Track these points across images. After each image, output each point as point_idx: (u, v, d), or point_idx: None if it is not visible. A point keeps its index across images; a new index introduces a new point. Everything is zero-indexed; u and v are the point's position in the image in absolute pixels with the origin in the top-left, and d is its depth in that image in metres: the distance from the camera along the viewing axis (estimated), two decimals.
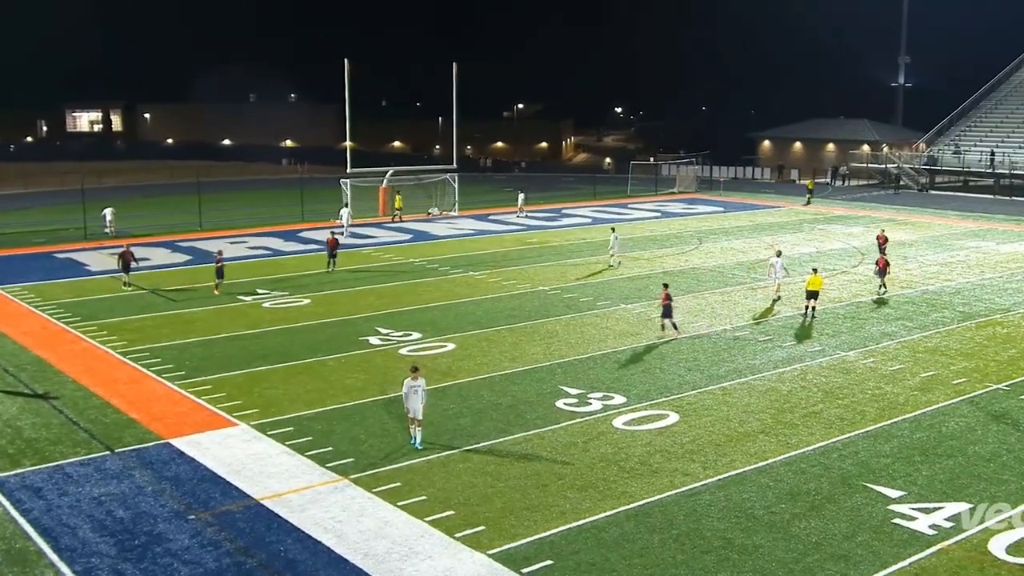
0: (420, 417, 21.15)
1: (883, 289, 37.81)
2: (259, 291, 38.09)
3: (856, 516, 17.97)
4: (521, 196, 65.12)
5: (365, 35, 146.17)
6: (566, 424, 22.91)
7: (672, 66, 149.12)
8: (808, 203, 70.11)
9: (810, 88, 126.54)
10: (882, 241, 43.87)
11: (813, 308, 33.92)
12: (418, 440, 21.24)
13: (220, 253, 39.22)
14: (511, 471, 20.10)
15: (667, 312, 31.00)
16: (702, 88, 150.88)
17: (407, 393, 21.04)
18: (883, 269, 37.96)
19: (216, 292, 37.52)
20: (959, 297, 37.34)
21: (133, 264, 39.42)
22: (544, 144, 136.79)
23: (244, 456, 20.90)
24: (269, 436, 22.07)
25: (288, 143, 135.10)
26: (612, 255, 44.08)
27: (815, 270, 34.57)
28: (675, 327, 31.09)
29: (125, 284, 39.11)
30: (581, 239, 51.74)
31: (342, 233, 55.48)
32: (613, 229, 45.85)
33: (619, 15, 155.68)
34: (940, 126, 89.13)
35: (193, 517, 18.00)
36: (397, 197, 61.98)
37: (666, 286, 31.81)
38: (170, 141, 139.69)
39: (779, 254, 38.44)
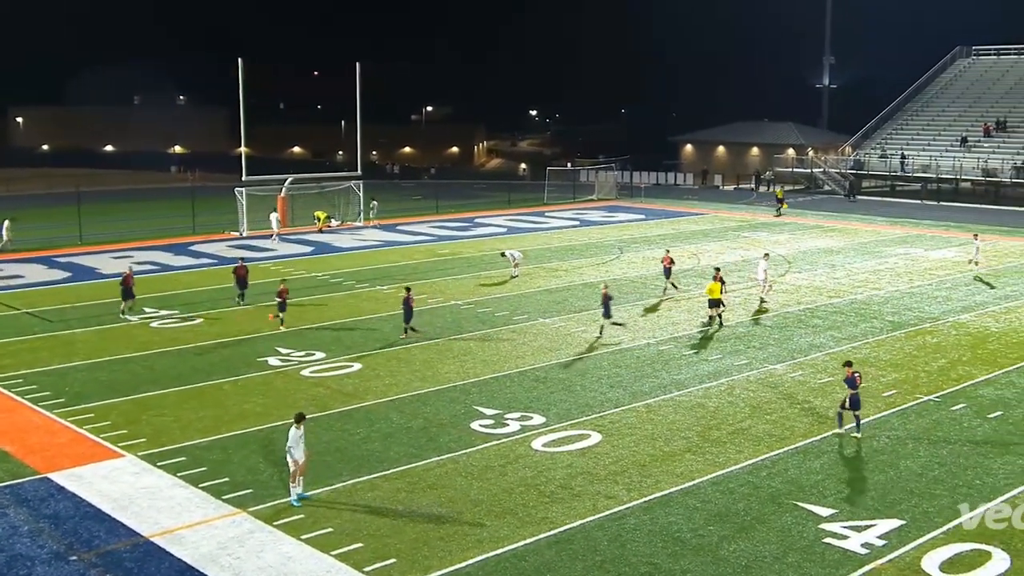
0: (303, 460, 19.76)
1: (674, 287, 40.15)
2: (146, 310, 37.31)
3: (786, 537, 18.32)
4: (374, 204, 64.64)
5: (261, 32, 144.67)
6: (482, 447, 22.91)
7: (591, 68, 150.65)
8: (779, 214, 68.53)
9: (733, 89, 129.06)
10: (667, 263, 41.03)
11: (720, 316, 34.76)
12: (299, 492, 19.84)
13: (283, 283, 36.11)
14: (424, 498, 20.03)
15: (408, 316, 33.11)
16: (622, 90, 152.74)
17: (293, 444, 19.66)
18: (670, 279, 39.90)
19: (278, 324, 34.49)
20: (888, 306, 38.39)
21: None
22: (455, 149, 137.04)
23: (132, 490, 20.44)
24: (159, 467, 21.63)
25: (177, 149, 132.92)
26: (516, 265, 44.70)
27: (715, 278, 35.30)
28: (414, 330, 33.05)
29: (123, 311, 36.48)
30: (495, 249, 51.82)
31: (272, 238, 55.56)
32: (503, 253, 46.01)
33: (533, 14, 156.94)
34: (866, 129, 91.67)
35: (75, 558, 17.53)
36: (320, 212, 61.99)
37: (408, 289, 33.98)
38: (46, 147, 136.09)
39: (766, 256, 39.95)
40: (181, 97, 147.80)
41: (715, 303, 34.64)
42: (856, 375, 23.56)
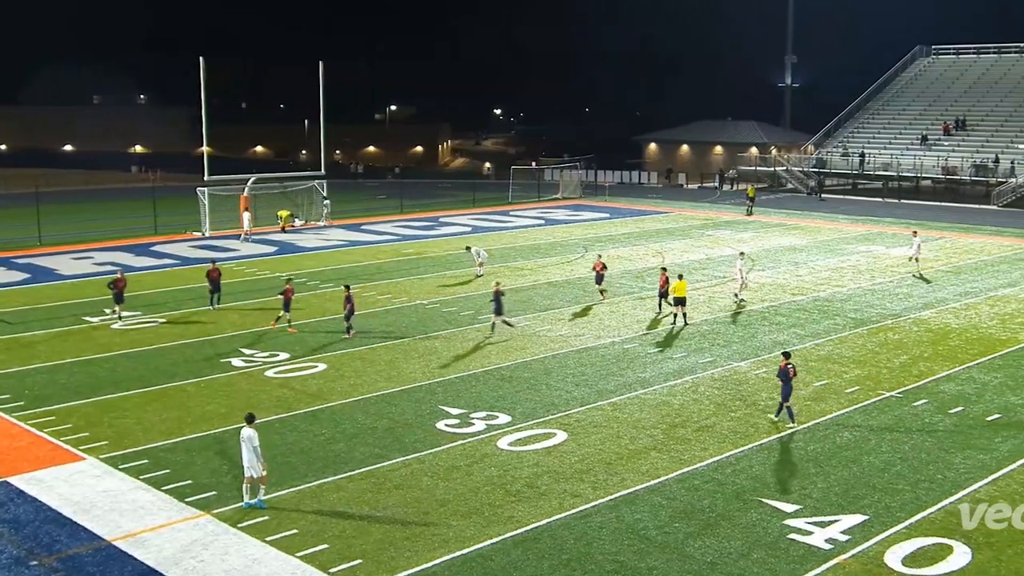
0: (260, 473, 19.45)
1: (600, 294, 39.32)
2: (108, 311, 36.94)
3: (751, 533, 18.43)
4: (326, 203, 63.98)
5: (223, 31, 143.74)
6: (448, 447, 22.88)
7: (555, 66, 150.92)
8: (750, 213, 68.66)
9: (697, 89, 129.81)
10: (599, 269, 39.63)
11: (684, 315, 34.96)
12: (260, 497, 19.58)
13: (288, 283, 35.72)
14: (389, 499, 19.98)
15: (349, 315, 33.35)
16: (586, 89, 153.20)
17: (259, 444, 19.52)
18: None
19: (275, 325, 34.35)
20: (850, 303, 38.74)
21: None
22: (419, 148, 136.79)
23: (93, 493, 20.24)
24: (121, 470, 21.42)
25: (138, 149, 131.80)
26: (481, 264, 44.70)
27: (680, 276, 35.53)
28: (350, 329, 33.39)
29: (115, 314, 35.85)
30: (460, 248, 51.76)
31: (240, 238, 56.00)
32: (468, 247, 46.17)
33: (498, 12, 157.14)
34: (827, 128, 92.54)
35: (35, 563, 17.33)
36: (284, 212, 61.88)
37: (348, 287, 34.21)
38: (3, 147, 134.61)
39: (742, 255, 40.57)
40: (142, 96, 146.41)
41: (680, 301, 34.79)
42: (790, 367, 24.03)
